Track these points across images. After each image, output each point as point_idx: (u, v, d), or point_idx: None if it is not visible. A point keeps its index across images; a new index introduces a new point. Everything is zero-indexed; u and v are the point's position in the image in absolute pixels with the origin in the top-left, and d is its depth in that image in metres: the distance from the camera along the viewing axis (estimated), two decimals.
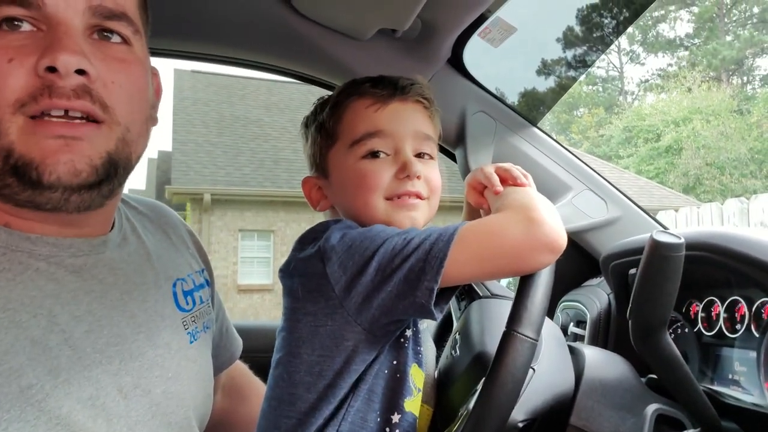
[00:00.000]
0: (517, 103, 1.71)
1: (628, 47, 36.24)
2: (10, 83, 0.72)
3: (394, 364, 0.94)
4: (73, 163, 0.75)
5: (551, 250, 0.81)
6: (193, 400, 0.93)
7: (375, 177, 0.98)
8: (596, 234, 1.55)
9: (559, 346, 1.01)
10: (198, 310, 1.02)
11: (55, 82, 0.73)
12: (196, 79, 16.66)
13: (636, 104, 34.12)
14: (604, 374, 0.99)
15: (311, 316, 0.91)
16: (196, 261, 1.11)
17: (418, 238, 0.85)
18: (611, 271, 1.29)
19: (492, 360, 0.81)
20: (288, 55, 1.49)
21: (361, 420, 0.90)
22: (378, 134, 0.99)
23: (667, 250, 0.83)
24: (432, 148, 1.03)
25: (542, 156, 1.56)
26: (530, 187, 0.93)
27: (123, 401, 0.80)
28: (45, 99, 0.73)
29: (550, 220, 0.82)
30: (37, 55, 0.73)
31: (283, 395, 0.94)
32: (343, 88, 1.07)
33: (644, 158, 25.01)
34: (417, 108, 1.03)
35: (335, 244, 0.89)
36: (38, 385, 0.71)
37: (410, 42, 1.40)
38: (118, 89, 0.79)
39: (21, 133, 0.73)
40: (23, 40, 0.73)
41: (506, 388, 0.79)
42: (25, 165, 0.73)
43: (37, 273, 0.78)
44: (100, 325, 0.81)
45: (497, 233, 0.83)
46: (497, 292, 1.11)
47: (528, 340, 0.80)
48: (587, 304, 1.42)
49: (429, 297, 0.82)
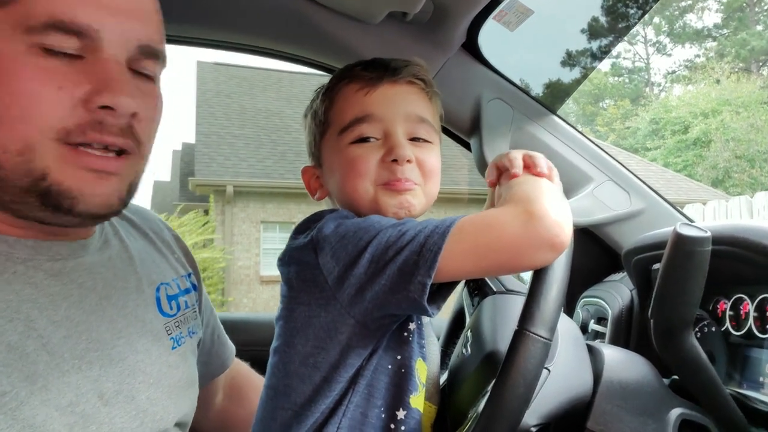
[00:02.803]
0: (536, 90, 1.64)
1: (655, 38, 35.64)
2: (58, 112, 0.72)
3: (398, 359, 0.90)
4: (107, 197, 0.78)
5: (551, 246, 0.76)
6: (176, 407, 0.91)
7: (362, 162, 0.94)
8: (618, 227, 1.49)
9: (576, 345, 0.96)
10: (182, 315, 1.01)
11: (107, 120, 0.74)
12: (218, 71, 16.75)
13: (663, 96, 33.56)
14: (624, 376, 0.93)
15: (305, 306, 0.89)
16: (182, 265, 1.09)
17: (413, 230, 0.81)
18: (634, 266, 1.24)
19: (503, 360, 0.76)
20: (297, 41, 1.45)
21: (362, 416, 0.87)
22: (367, 119, 0.95)
23: (691, 245, 0.77)
24: (428, 131, 0.99)
25: (562, 145, 1.50)
26: (544, 179, 0.86)
27: (104, 408, 0.78)
28: (95, 134, 0.74)
29: (553, 215, 0.76)
30: (88, 87, 0.73)
31: (278, 385, 0.92)
32: (336, 74, 1.04)
33: (671, 150, 24.64)
34: (410, 90, 0.99)
35: (328, 234, 0.86)
36: (13, 392, 0.69)
37: (422, 26, 1.35)
38: (148, 126, 0.82)
39: (58, 160, 0.73)
40: (69, 66, 0.73)
41: (517, 391, 0.74)
42: (59, 193, 0.74)
43: (14, 276, 0.76)
44: (78, 331, 0.79)
45: (494, 227, 0.78)
46: (511, 287, 1.07)
47: (541, 339, 0.75)
48: (609, 300, 1.37)
49: (422, 292, 0.78)
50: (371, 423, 0.88)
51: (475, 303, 1.12)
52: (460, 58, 1.44)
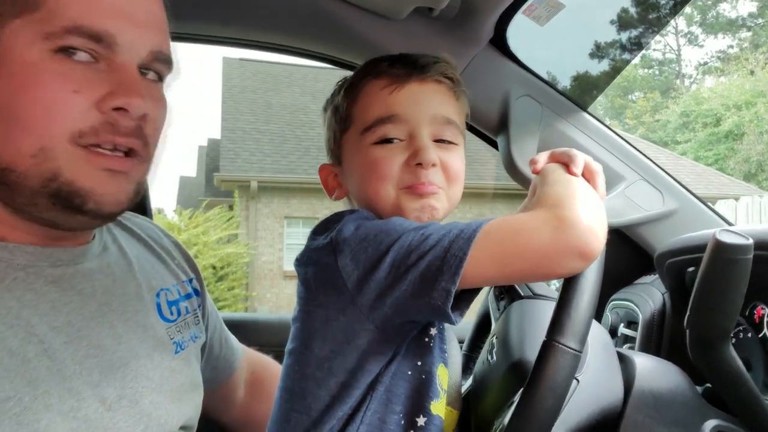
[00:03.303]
0: (566, 86, 1.60)
1: (686, 29, 34.88)
2: (74, 115, 0.74)
3: (418, 365, 0.88)
4: (119, 196, 0.79)
5: (581, 255, 0.73)
6: (180, 411, 0.91)
7: (385, 165, 0.91)
8: (651, 228, 1.45)
9: (606, 353, 0.93)
10: (184, 321, 1.00)
11: (119, 121, 0.76)
12: (244, 67, 16.86)
13: (694, 88, 32.87)
14: (656, 385, 0.90)
15: (323, 309, 0.87)
16: (182, 271, 1.09)
17: (437, 234, 0.78)
18: (667, 269, 1.20)
19: (531, 370, 0.74)
20: (322, 39, 1.43)
21: (380, 421, 0.85)
22: (392, 119, 0.92)
23: (732, 253, 0.74)
24: (454, 133, 0.95)
25: (593, 143, 1.46)
26: (580, 179, 0.82)
27: (107, 413, 0.78)
28: (107, 135, 0.76)
29: (586, 221, 0.73)
30: (102, 91, 0.75)
31: (294, 387, 0.90)
32: (360, 68, 1.00)
33: (702, 144, 24.14)
34: (438, 89, 0.95)
35: (348, 236, 0.83)
36: (16, 398, 0.70)
37: (449, 21, 1.32)
38: (155, 128, 0.83)
39: (70, 161, 0.74)
40: (85, 71, 0.75)
41: (545, 405, 0.72)
42: (71, 192, 0.75)
43: (15, 282, 0.76)
44: (79, 336, 0.79)
45: (523, 233, 0.75)
46: (540, 292, 1.04)
47: (571, 351, 0.72)
48: (639, 303, 1.33)
49: (446, 299, 0.75)
50: (390, 429, 0.86)
51: (501, 308, 1.09)
52: (487, 54, 1.41)
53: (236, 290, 11.43)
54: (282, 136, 14.46)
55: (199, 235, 11.11)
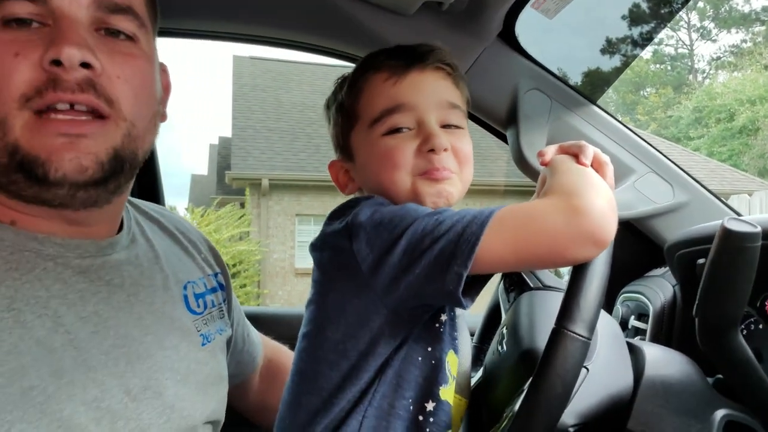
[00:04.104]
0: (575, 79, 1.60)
1: (699, 23, 34.51)
2: (15, 78, 0.72)
3: (428, 350, 0.89)
4: (79, 160, 0.75)
5: (594, 242, 0.73)
6: (205, 404, 0.91)
7: (398, 153, 0.92)
8: (661, 220, 1.45)
9: (616, 343, 0.94)
10: (209, 314, 1.01)
11: (60, 76, 0.72)
12: (254, 65, 16.91)
13: (707, 83, 32.53)
14: (666, 375, 0.90)
15: (338, 293, 0.89)
16: (208, 265, 1.09)
17: (451, 219, 0.79)
18: (677, 261, 1.20)
19: (540, 359, 0.74)
20: (331, 34, 1.44)
21: (389, 405, 0.86)
22: (398, 109, 0.93)
23: (740, 241, 0.74)
24: (459, 117, 0.97)
25: (602, 136, 1.46)
26: (590, 169, 0.83)
27: (132, 403, 0.78)
28: (50, 93, 0.72)
29: (599, 209, 0.73)
30: (43, 49, 0.72)
31: (306, 370, 0.92)
32: (359, 64, 1.01)
33: (716, 139, 23.92)
34: (438, 75, 0.97)
35: (363, 221, 0.84)
36: (40, 387, 0.71)
37: (458, 15, 1.33)
38: (123, 84, 0.78)
39: (26, 130, 0.72)
40: (30, 35, 0.73)
41: (555, 392, 0.72)
42: (30, 162, 0.73)
43: (44, 272, 0.77)
44: (106, 327, 0.80)
45: (536, 219, 0.75)
46: (549, 283, 1.04)
47: (580, 338, 0.73)
48: (650, 296, 1.33)
49: (458, 283, 0.75)
50: (398, 413, 0.87)
51: (511, 299, 1.10)
52: (496, 48, 1.41)
53: (248, 287, 11.48)
54: (292, 133, 14.50)
55: (211, 233, 11.17)
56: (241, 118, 14.77)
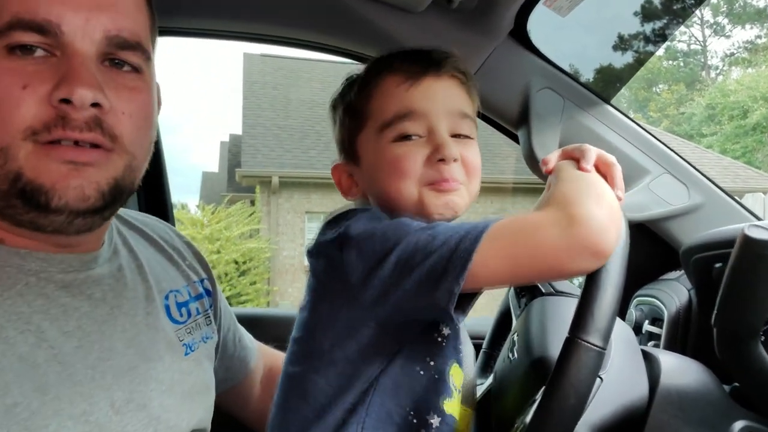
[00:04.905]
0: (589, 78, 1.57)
1: (712, 19, 34.18)
2: (23, 111, 0.72)
3: (430, 364, 0.88)
4: (82, 189, 0.75)
5: (593, 254, 0.71)
6: (190, 413, 0.91)
7: (407, 162, 0.90)
8: (676, 222, 1.42)
9: (630, 350, 0.91)
10: (194, 322, 1.00)
11: (69, 114, 0.73)
12: (264, 62, 16.92)
13: (720, 80, 32.23)
14: (682, 384, 0.88)
15: (328, 301, 0.88)
16: (194, 272, 1.08)
17: (444, 234, 0.77)
18: (693, 265, 1.17)
19: (553, 368, 0.72)
20: (339, 33, 1.42)
21: (387, 416, 0.85)
22: (410, 115, 0.91)
23: (761, 248, 0.72)
24: (470, 127, 0.95)
25: (616, 137, 1.43)
26: (593, 175, 0.81)
27: (116, 416, 0.78)
28: (58, 130, 0.73)
29: (597, 219, 0.71)
30: (52, 83, 0.72)
31: (295, 374, 0.92)
32: (372, 65, 0.99)
33: (729, 137, 23.68)
34: (452, 83, 0.95)
35: (355, 233, 0.83)
36: (24, 403, 0.70)
37: (468, 13, 1.30)
38: (127, 119, 0.79)
39: (30, 158, 0.73)
40: (37, 65, 0.73)
41: (568, 403, 0.70)
42: (34, 190, 0.73)
43: (26, 288, 0.77)
44: (90, 341, 0.79)
45: (531, 233, 0.74)
46: (562, 289, 1.02)
47: (594, 348, 0.71)
48: (665, 300, 1.30)
49: (449, 300, 0.74)
50: (397, 423, 0.85)
51: (522, 305, 1.08)
52: (507, 46, 1.39)
53: (258, 285, 11.52)
54: (302, 131, 14.50)
55: (222, 230, 11.21)
56: (251, 116, 14.79)
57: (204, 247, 10.66)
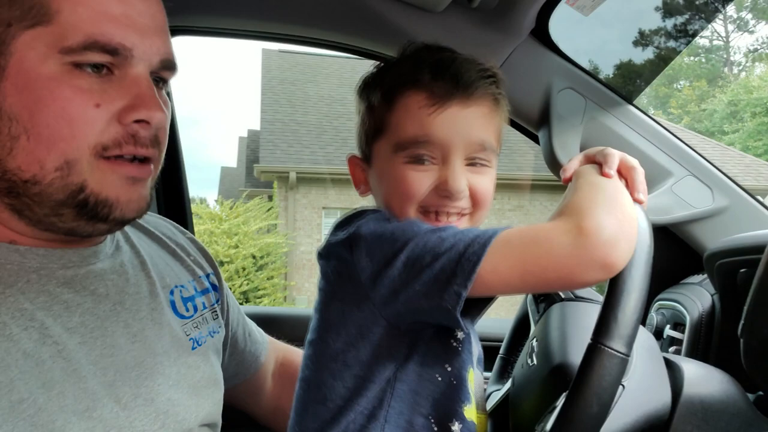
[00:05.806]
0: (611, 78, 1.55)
1: (735, 14, 33.58)
2: (96, 128, 0.76)
3: (448, 369, 0.87)
4: (138, 202, 0.82)
5: (603, 266, 0.70)
6: (199, 407, 0.91)
7: (414, 187, 0.88)
8: (700, 226, 1.39)
9: (652, 358, 0.89)
10: (201, 316, 1.01)
11: (140, 133, 0.79)
12: (282, 58, 16.94)
13: (743, 76, 31.68)
14: (706, 394, 0.86)
15: (340, 302, 0.88)
16: (199, 266, 1.09)
17: (454, 237, 0.77)
18: (717, 270, 1.15)
19: (574, 374, 0.71)
20: (358, 32, 1.42)
21: (407, 423, 0.85)
22: (427, 143, 0.88)
23: None
24: (489, 156, 0.91)
25: (639, 138, 1.41)
26: (612, 182, 0.79)
27: (123, 412, 0.79)
28: (130, 147, 0.78)
29: (608, 231, 0.70)
30: (121, 103, 0.77)
31: (311, 378, 0.91)
32: (400, 70, 0.94)
33: (751, 134, 23.27)
34: (479, 113, 0.90)
35: (365, 233, 0.84)
36: (30, 399, 0.71)
37: (489, 12, 1.29)
38: (164, 133, 0.86)
39: (96, 173, 0.77)
40: (103, 84, 0.77)
41: (590, 411, 0.69)
42: (98, 203, 0.78)
43: (28, 285, 0.78)
44: (93, 337, 0.80)
45: (542, 243, 0.73)
46: (582, 294, 1.00)
47: (618, 355, 0.70)
48: (687, 304, 1.28)
49: (456, 303, 0.74)
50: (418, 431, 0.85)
51: (541, 310, 1.06)
52: (529, 46, 1.37)
53: (275, 279, 11.56)
54: (320, 127, 14.51)
55: (240, 224, 11.26)
56: (269, 111, 14.82)
57: (222, 242, 10.72)
